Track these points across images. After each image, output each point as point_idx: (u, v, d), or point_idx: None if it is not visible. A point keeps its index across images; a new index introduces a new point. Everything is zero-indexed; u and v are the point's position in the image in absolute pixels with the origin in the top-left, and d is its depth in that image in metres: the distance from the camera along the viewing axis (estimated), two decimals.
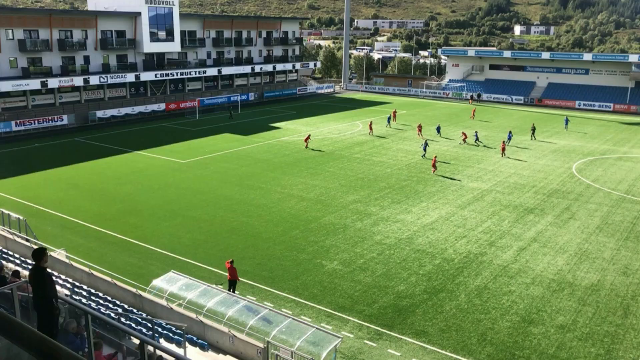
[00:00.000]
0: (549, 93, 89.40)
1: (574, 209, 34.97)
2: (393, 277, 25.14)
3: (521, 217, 33.44)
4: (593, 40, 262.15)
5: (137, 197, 36.49)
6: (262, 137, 57.36)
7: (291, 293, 23.54)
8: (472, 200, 36.47)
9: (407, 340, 20.14)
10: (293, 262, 26.58)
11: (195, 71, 77.97)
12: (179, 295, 19.62)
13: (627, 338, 20.45)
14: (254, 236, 29.82)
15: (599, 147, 54.34)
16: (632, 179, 42.53)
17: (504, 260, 27.15)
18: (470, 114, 72.70)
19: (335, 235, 30.09)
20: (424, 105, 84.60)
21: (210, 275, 24.93)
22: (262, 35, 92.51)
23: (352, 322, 21.30)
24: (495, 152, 51.19)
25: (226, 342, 17.21)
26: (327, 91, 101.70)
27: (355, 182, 40.53)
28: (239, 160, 47.06)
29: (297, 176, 41.89)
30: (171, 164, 45.40)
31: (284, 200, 36.09)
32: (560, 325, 21.28)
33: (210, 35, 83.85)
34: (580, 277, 25.43)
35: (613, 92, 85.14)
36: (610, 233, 30.95)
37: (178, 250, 27.78)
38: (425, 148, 48.50)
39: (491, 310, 22.29)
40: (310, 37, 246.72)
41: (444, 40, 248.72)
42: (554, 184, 40.58)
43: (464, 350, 19.53)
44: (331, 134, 59.10)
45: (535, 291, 23.97)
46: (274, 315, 18.24)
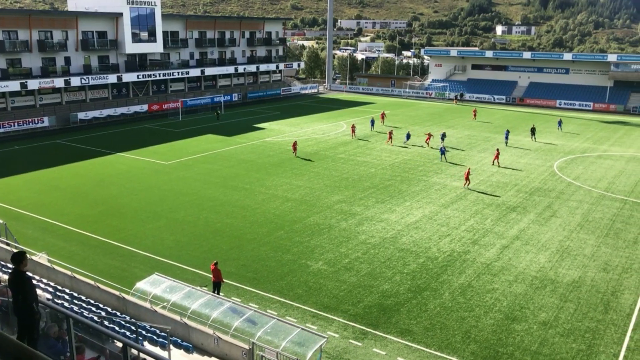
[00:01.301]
0: (531, 92, 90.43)
1: (556, 207, 35.41)
2: (378, 277, 25.24)
3: (504, 215, 33.78)
4: (573, 40, 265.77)
5: (120, 199, 36.17)
6: (246, 137, 57.19)
7: (276, 294, 23.52)
8: (455, 199, 36.75)
9: (392, 339, 20.23)
10: (278, 263, 26.55)
11: (178, 72, 77.52)
12: (163, 297, 19.49)
13: (608, 333, 20.77)
14: (239, 237, 29.74)
15: (579, 146, 55.09)
16: (611, 176, 43.19)
17: (487, 258, 27.41)
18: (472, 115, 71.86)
19: (320, 235, 30.12)
20: (407, 106, 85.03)
21: (195, 277, 24.80)
22: (245, 36, 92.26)
23: (337, 322, 21.34)
24: (477, 150, 51.64)
25: (211, 344, 17.14)
26: (311, 91, 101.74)
27: (339, 182, 40.60)
28: (223, 161, 46.88)
29: (282, 177, 41.85)
30: (154, 166, 45.07)
31: (268, 201, 36.03)
32: (542, 321, 21.54)
33: (193, 35, 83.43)
34: (562, 274, 25.76)
35: (593, 91, 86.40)
36: (590, 230, 31.40)
37: (162, 252, 27.59)
38: (444, 152, 47.86)
39: (475, 308, 22.49)
40: (293, 38, 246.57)
41: (427, 41, 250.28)
42: (536, 183, 41.06)
43: (449, 349, 19.68)
44: (315, 135, 59.13)
45: (518, 288, 24.23)
46: (259, 317, 18.20)
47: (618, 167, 46.48)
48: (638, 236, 30.55)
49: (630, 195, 38.23)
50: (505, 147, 51.37)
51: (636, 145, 56.29)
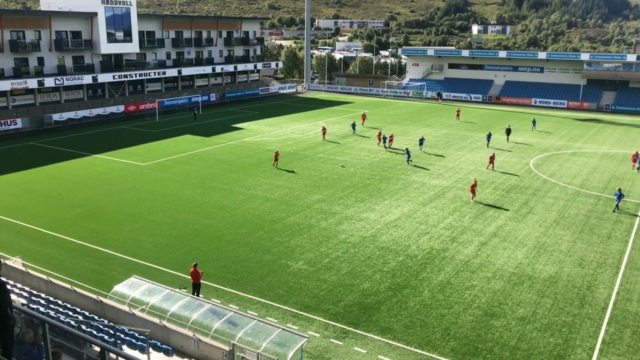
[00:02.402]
0: (506, 91, 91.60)
1: (532, 204, 35.94)
2: (358, 275, 25.31)
3: (481, 212, 34.16)
4: (547, 40, 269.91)
5: (97, 202, 35.65)
6: (224, 138, 56.86)
7: (256, 294, 23.43)
8: (434, 197, 37.05)
9: (373, 338, 20.31)
10: (258, 264, 26.45)
11: (154, 72, 76.70)
12: (141, 300, 19.27)
13: (584, 327, 21.15)
14: (218, 238, 29.55)
15: (554, 143, 55.99)
16: (586, 173, 43.99)
17: (465, 255, 27.69)
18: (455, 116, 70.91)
19: (300, 235, 30.09)
20: (385, 105, 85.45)
21: (174, 279, 24.58)
22: (222, 36, 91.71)
23: (318, 322, 21.35)
24: (455, 149, 52.13)
25: (191, 346, 17.00)
26: (290, 91, 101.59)
27: (319, 181, 40.61)
28: (201, 161, 46.54)
29: (261, 177, 41.71)
30: (131, 167, 44.53)
31: (247, 201, 35.87)
32: (520, 317, 21.84)
33: (170, 35, 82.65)
34: (539, 269, 26.15)
35: (567, 89, 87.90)
36: (566, 226, 31.93)
37: (140, 255, 27.28)
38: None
39: (454, 305, 22.70)
40: (271, 37, 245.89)
41: (404, 40, 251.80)
42: (513, 180, 41.62)
43: (429, 346, 19.83)
44: (294, 134, 59.05)
45: (496, 285, 24.53)
46: (239, 318, 18.12)
47: (592, 164, 47.36)
48: (612, 231, 31.17)
49: (604, 191, 38.98)
50: (487, 148, 51.69)
51: (609, 142, 57.42)
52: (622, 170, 45.22)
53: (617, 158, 49.69)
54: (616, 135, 61.81)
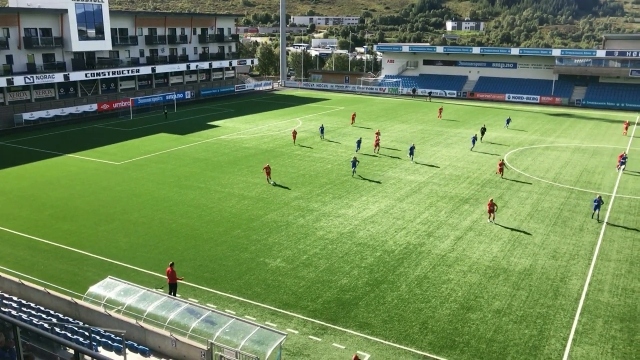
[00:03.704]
0: (480, 87, 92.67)
1: (507, 198, 36.45)
2: (336, 272, 25.37)
3: (457, 207, 34.53)
4: (520, 36, 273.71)
5: (70, 202, 35.04)
6: (200, 136, 56.38)
7: (234, 293, 23.32)
8: (410, 193, 37.32)
9: (351, 333, 20.40)
10: (235, 262, 26.33)
11: (127, 70, 75.62)
12: (117, 301, 19.01)
13: (558, 318, 21.56)
14: (195, 237, 29.32)
15: (528, 138, 56.87)
16: (558, 167, 44.79)
17: (442, 249, 27.97)
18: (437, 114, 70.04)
19: (278, 232, 30.03)
20: (361, 101, 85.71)
21: (150, 279, 24.31)
22: (196, 33, 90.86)
23: (296, 319, 21.35)
24: (430, 144, 52.56)
25: (168, 346, 16.85)
26: (266, 88, 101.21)
27: (296, 178, 40.57)
28: (177, 160, 46.08)
29: (238, 175, 41.48)
30: (105, 167, 43.87)
31: (224, 199, 35.65)
32: (496, 310, 22.16)
33: (143, 32, 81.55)
34: (513, 262, 26.56)
35: (539, 84, 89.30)
36: (540, 219, 32.48)
37: (115, 255, 26.91)
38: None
39: (431, 299, 22.92)
40: (246, 34, 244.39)
41: (379, 37, 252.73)
42: (487, 174, 42.15)
43: (407, 340, 19.99)
44: (271, 132, 58.86)
45: (472, 278, 24.84)
46: (217, 317, 18.01)
47: (564, 157, 48.24)
48: (584, 224, 31.81)
49: (576, 184, 39.75)
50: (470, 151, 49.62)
51: (580, 136, 58.56)
52: (593, 163, 46.18)
53: (589, 152, 50.71)
54: (587, 129, 63.06)
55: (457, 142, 54.01)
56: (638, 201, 36.10)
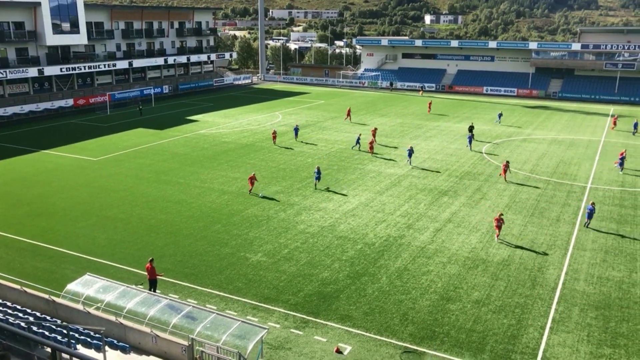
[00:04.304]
0: (459, 80, 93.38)
1: (485, 190, 36.87)
2: (317, 265, 25.43)
3: (436, 199, 34.83)
4: (497, 29, 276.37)
5: (47, 199, 34.48)
6: (178, 130, 55.88)
7: (215, 288, 23.24)
8: (390, 186, 37.52)
9: (333, 326, 20.49)
10: (216, 257, 26.22)
11: (104, 64, 74.51)
12: (96, 298, 18.80)
13: (535, 307, 21.93)
14: (174, 233, 29.10)
15: (505, 130, 57.51)
16: (535, 158, 45.42)
17: (421, 241, 28.21)
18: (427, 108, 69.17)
19: (258, 227, 29.97)
20: (341, 95, 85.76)
21: (130, 275, 24.09)
22: (174, 26, 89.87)
23: (278, 313, 21.36)
24: (410, 138, 52.85)
25: (149, 343, 16.74)
26: (245, 82, 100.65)
27: (277, 173, 40.49)
28: (155, 155, 45.62)
29: (217, 169, 41.25)
30: (82, 163, 43.25)
31: (204, 194, 35.44)
32: (475, 300, 22.44)
33: (119, 26, 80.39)
34: (492, 253, 26.91)
35: (516, 77, 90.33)
36: (517, 210, 32.93)
37: (93, 252, 26.59)
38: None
39: (411, 291, 23.12)
40: (225, 28, 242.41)
41: (359, 30, 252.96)
42: (466, 167, 42.56)
43: (388, 331, 20.15)
44: (251, 126, 58.59)
45: (451, 269, 25.11)
46: (197, 312, 17.93)
47: (541, 149, 48.93)
48: (560, 214, 32.35)
49: (552, 176, 40.37)
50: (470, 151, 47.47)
51: (557, 128, 59.42)
52: (569, 155, 46.91)
53: (565, 144, 51.51)
54: (563, 121, 64.00)
55: (435, 135, 54.40)
56: (612, 192, 36.81)
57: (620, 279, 24.34)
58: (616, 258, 26.49)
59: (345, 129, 57.50)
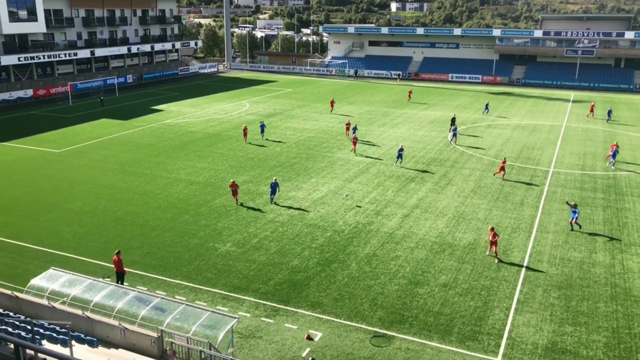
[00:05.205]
0: (425, 67, 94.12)
1: (451, 175, 37.44)
2: (287, 253, 25.48)
3: (404, 186, 35.21)
4: (462, 16, 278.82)
5: (7, 193, 33.52)
6: (143, 120, 54.89)
7: (184, 279, 23.06)
8: (359, 173, 37.74)
9: (303, 313, 20.61)
10: (184, 248, 26.00)
11: (64, 53, 72.43)
12: (61, 292, 18.43)
13: (501, 289, 22.48)
14: (141, 225, 28.70)
15: (470, 117, 58.35)
16: (500, 144, 46.28)
17: (389, 227, 28.52)
18: (407, 97, 68.66)
19: (227, 217, 29.80)
20: (309, 83, 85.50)
21: (96, 268, 23.70)
22: (137, 14, 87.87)
23: (248, 302, 21.36)
24: (377, 125, 53.14)
25: (117, 336, 16.53)
26: (211, 71, 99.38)
27: (245, 162, 40.25)
28: (120, 146, 44.76)
29: (184, 159, 40.75)
30: (44, 155, 42.13)
31: (171, 185, 35.00)
32: (443, 283, 22.86)
33: (79, 14, 78.13)
34: (458, 237, 27.41)
35: (481, 64, 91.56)
36: (482, 195, 33.57)
37: (58, 246, 26.04)
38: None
39: (380, 276, 23.40)
40: (189, 16, 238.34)
41: (325, 18, 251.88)
42: (432, 153, 43.09)
43: (357, 317, 20.38)
44: (217, 115, 57.97)
45: (419, 254, 25.49)
46: (166, 303, 17.76)
47: (505, 135, 49.86)
48: (524, 198, 33.11)
49: (516, 160, 41.22)
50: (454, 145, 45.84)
51: (520, 114, 60.59)
52: (532, 140, 47.95)
53: (528, 129, 52.60)
54: (526, 107, 65.30)
55: (402, 123, 54.85)
56: (573, 175, 37.85)
57: (581, 260, 25.13)
58: (577, 239, 27.31)
59: (314, 117, 57.45)
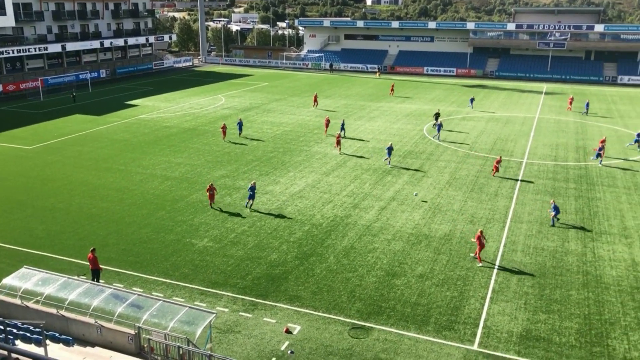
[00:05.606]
0: (400, 60, 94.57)
1: (427, 168, 37.79)
2: (265, 248, 25.46)
3: (380, 178, 35.44)
4: (436, 10, 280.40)
5: None
6: (117, 116, 54.11)
7: (161, 275, 22.90)
8: (336, 167, 37.84)
9: (282, 307, 20.65)
10: (161, 244, 25.79)
11: (34, 48, 70.91)
12: (35, 291, 18.14)
13: (476, 279, 22.83)
14: (117, 221, 28.37)
15: (445, 109, 58.88)
16: (474, 136, 46.84)
17: (367, 220, 28.71)
18: (389, 90, 68.53)
19: (204, 212, 29.62)
20: (285, 77, 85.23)
21: (71, 266, 23.38)
22: (109, 8, 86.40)
23: (226, 297, 21.32)
24: (354, 119, 53.30)
25: (93, 334, 16.37)
26: (186, 65, 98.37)
27: (221, 157, 40.01)
28: (94, 142, 44.08)
29: (159, 155, 40.34)
30: (15, 152, 41.27)
31: (146, 181, 34.63)
32: (419, 274, 23.13)
33: (50, 7, 76.49)
34: (434, 229, 27.72)
35: (455, 57, 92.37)
36: (458, 187, 33.98)
37: (31, 244, 25.60)
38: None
39: (358, 268, 23.56)
40: (163, 9, 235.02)
41: (301, 11, 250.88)
42: (408, 146, 43.42)
43: (336, 309, 20.50)
44: (193, 109, 57.45)
45: (396, 246, 25.73)
46: (143, 300, 17.62)
47: (479, 127, 50.47)
48: (498, 189, 33.61)
49: (490, 152, 41.79)
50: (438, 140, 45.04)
51: (494, 106, 61.36)
52: (506, 132, 48.63)
53: (502, 121, 53.32)
54: (500, 99, 66.15)
55: (378, 116, 55.11)
56: (546, 166, 38.53)
57: (554, 249, 25.65)
58: (550, 229, 27.85)
59: (290, 111, 57.35)
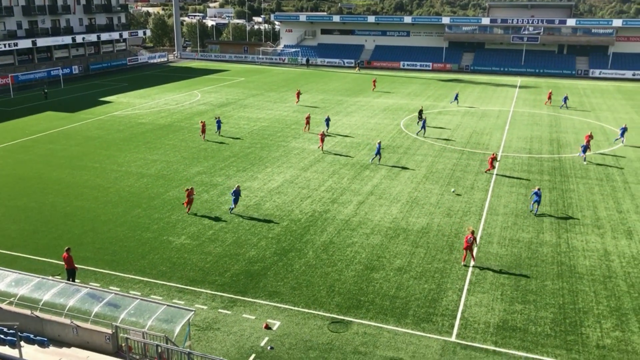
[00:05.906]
0: (377, 55, 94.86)
1: (404, 162, 38.03)
2: (243, 244, 25.36)
3: (358, 173, 35.55)
4: (412, 4, 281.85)
5: None
6: (91, 113, 53.24)
7: (138, 274, 22.64)
8: (314, 162, 37.84)
9: (261, 303, 20.61)
10: (138, 242, 25.49)
11: (4, 44, 69.34)
12: (7, 292, 17.79)
13: (453, 271, 23.09)
14: (92, 220, 27.95)
15: (422, 104, 59.25)
16: (450, 130, 47.27)
17: (345, 214, 28.79)
18: (372, 86, 68.42)
19: (181, 209, 29.35)
20: (261, 72, 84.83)
21: (46, 266, 22.97)
22: (81, 2, 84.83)
23: (204, 294, 21.18)
24: (331, 114, 53.32)
25: (69, 334, 16.12)
26: (160, 60, 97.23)
27: (198, 153, 39.68)
28: (67, 139, 43.31)
29: (135, 152, 39.83)
30: None
31: (121, 178, 34.17)
32: (398, 268, 23.29)
33: (19, 2, 74.82)
34: (412, 222, 27.94)
35: (431, 52, 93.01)
36: (434, 180, 34.28)
37: (4, 244, 25.06)
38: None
39: (337, 263, 23.63)
40: (137, 4, 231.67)
41: (277, 6, 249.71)
42: (385, 140, 43.61)
43: (315, 304, 20.54)
44: (168, 106, 56.82)
45: (374, 240, 25.86)
46: (120, 299, 17.41)
47: (455, 121, 50.95)
48: (474, 182, 34.01)
49: (466, 146, 42.23)
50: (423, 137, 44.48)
51: (470, 100, 61.99)
52: (481, 125, 49.19)
53: (477, 115, 53.90)
54: (475, 93, 66.85)
55: (356, 111, 55.23)
56: (521, 159, 39.10)
57: (529, 240, 26.07)
58: (525, 221, 28.29)
59: (267, 106, 57.12)
